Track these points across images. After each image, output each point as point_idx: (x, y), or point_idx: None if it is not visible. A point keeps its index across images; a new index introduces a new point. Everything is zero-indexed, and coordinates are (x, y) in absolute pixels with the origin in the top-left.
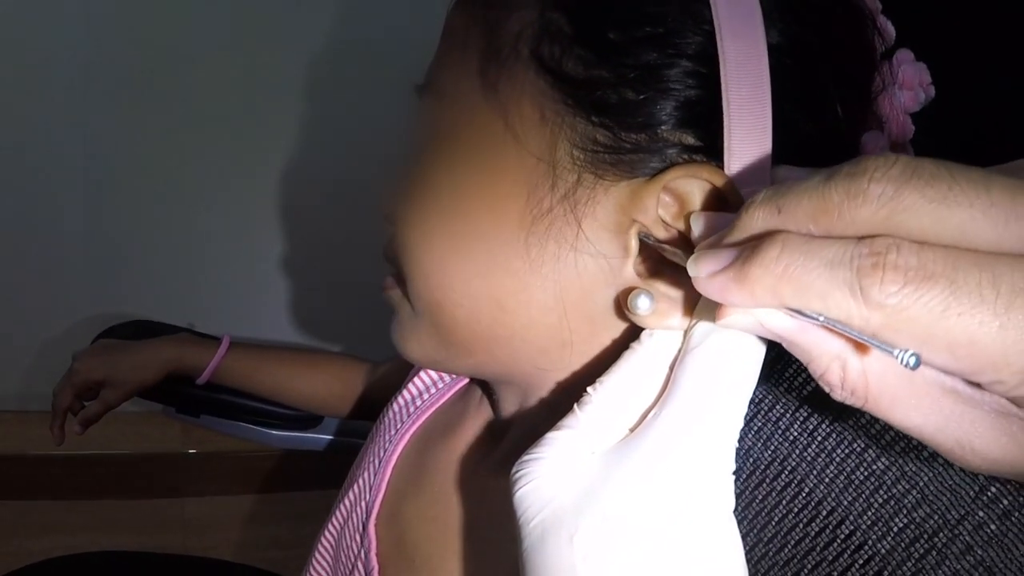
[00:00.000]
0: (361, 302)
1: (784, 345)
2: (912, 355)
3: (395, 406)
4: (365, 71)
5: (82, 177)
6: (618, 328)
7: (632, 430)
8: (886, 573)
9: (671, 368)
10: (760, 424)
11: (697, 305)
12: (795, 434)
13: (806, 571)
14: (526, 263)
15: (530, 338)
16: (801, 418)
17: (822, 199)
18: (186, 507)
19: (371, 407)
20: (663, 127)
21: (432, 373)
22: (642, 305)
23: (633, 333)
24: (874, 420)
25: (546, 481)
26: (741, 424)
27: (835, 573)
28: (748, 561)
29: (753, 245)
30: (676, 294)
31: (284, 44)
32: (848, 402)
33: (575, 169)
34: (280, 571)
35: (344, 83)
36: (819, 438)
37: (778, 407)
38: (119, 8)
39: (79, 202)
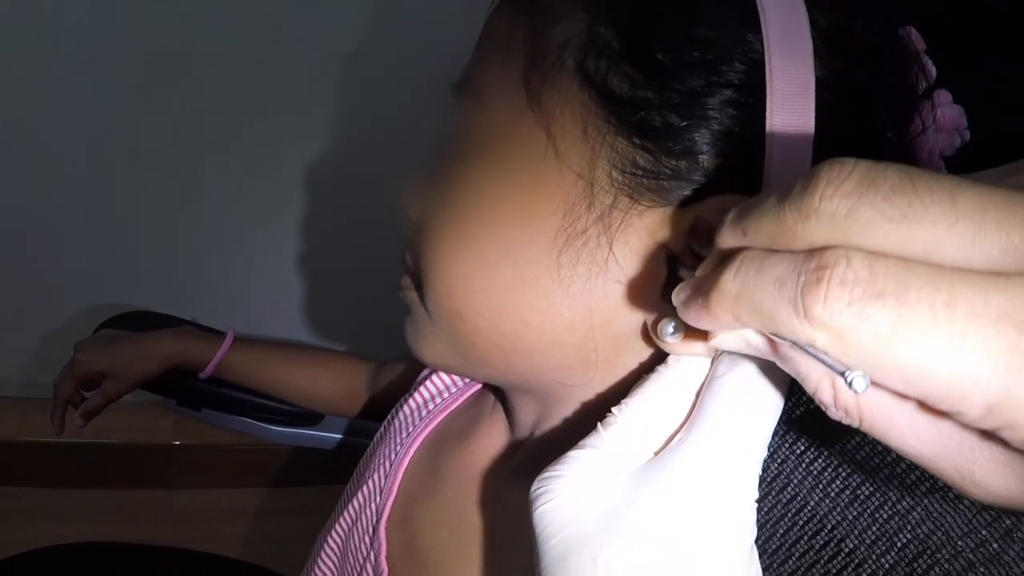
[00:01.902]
0: (367, 300)
1: (776, 363)
2: (858, 377)
3: (407, 408)
4: (374, 67)
5: (86, 166)
6: (643, 351)
7: (656, 454)
8: None
9: (697, 394)
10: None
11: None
12: (802, 448)
13: None
14: (555, 281)
15: (552, 354)
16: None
17: (777, 219)
18: (176, 499)
19: (377, 407)
20: (703, 155)
21: (445, 377)
22: (668, 332)
23: (658, 356)
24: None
25: (569, 499)
26: (765, 453)
27: None
28: None
29: (719, 269)
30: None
31: (291, 38)
32: (845, 422)
33: (612, 190)
34: (269, 565)
35: (352, 79)
36: (826, 452)
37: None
38: (121, 3)
39: (83, 191)
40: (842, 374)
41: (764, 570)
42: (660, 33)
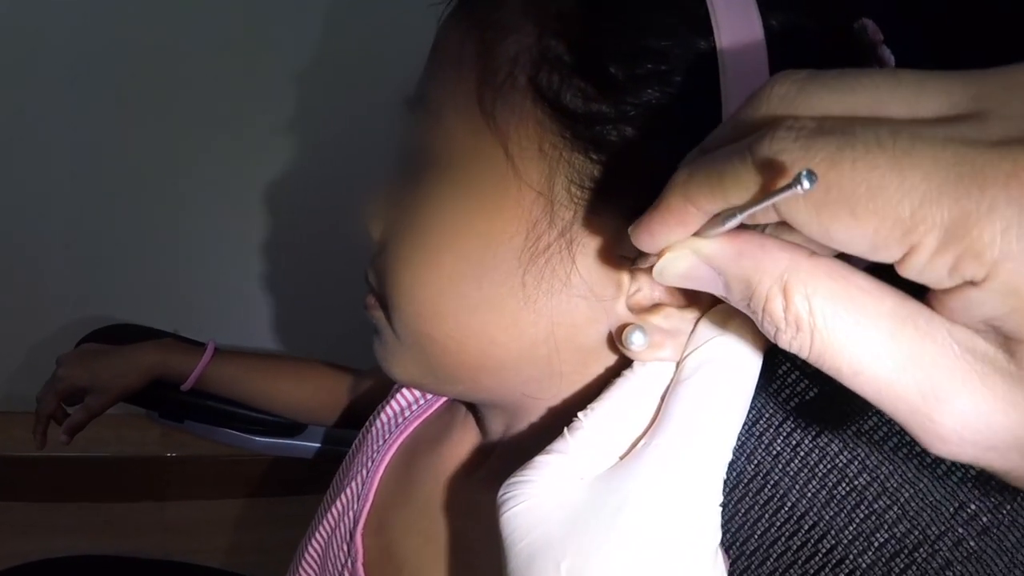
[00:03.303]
0: (347, 311)
1: (726, 287)
2: (805, 174)
3: (383, 417)
4: (356, 78)
5: (69, 180)
6: (610, 359)
7: (622, 458)
8: None
9: (662, 398)
10: (743, 438)
11: (690, 337)
12: (778, 448)
13: None
14: (521, 300)
15: (520, 369)
16: (785, 433)
17: (733, 124)
18: (166, 511)
19: (356, 416)
20: (660, 165)
21: None
22: (636, 341)
23: (625, 362)
24: (857, 437)
25: (534, 504)
26: (730, 457)
27: None
28: (731, 574)
29: None
30: (669, 326)
31: (275, 51)
32: (794, 347)
33: (572, 206)
34: (258, 575)
35: (333, 91)
36: (802, 453)
37: (762, 422)
38: (107, 11)
39: (65, 205)
40: (790, 187)
41: (742, 572)
42: (611, 45)
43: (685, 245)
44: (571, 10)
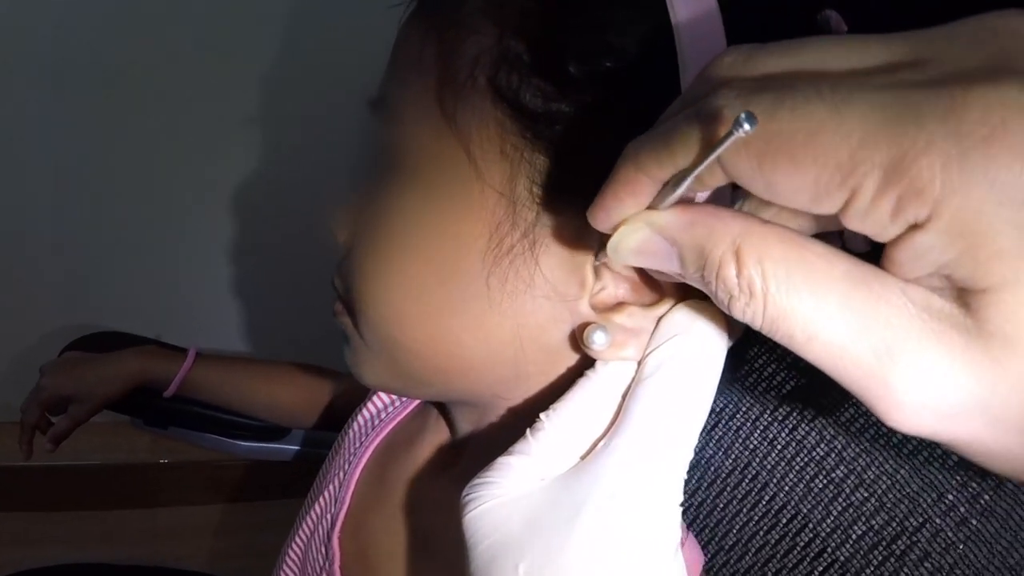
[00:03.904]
0: (328, 314)
1: (681, 260)
2: (743, 116)
3: (359, 419)
4: (329, 77)
5: (51, 192)
6: (576, 358)
7: (583, 458)
8: None
9: (624, 397)
10: (721, 433)
11: (652, 336)
12: (755, 442)
13: None
14: (486, 301)
15: (488, 370)
16: (762, 426)
17: (682, 98)
18: (158, 517)
19: (336, 417)
20: None
21: None
22: (598, 340)
23: (591, 361)
24: (836, 431)
25: (495, 506)
26: (691, 456)
27: None
28: (710, 570)
29: None
30: (632, 325)
31: (246, 54)
32: (748, 316)
33: (534, 206)
34: None
35: (305, 93)
36: (779, 446)
37: (739, 416)
38: (84, 14)
39: (45, 212)
40: (731, 134)
41: (721, 566)
42: (571, 44)
43: (638, 218)
44: (531, 9)
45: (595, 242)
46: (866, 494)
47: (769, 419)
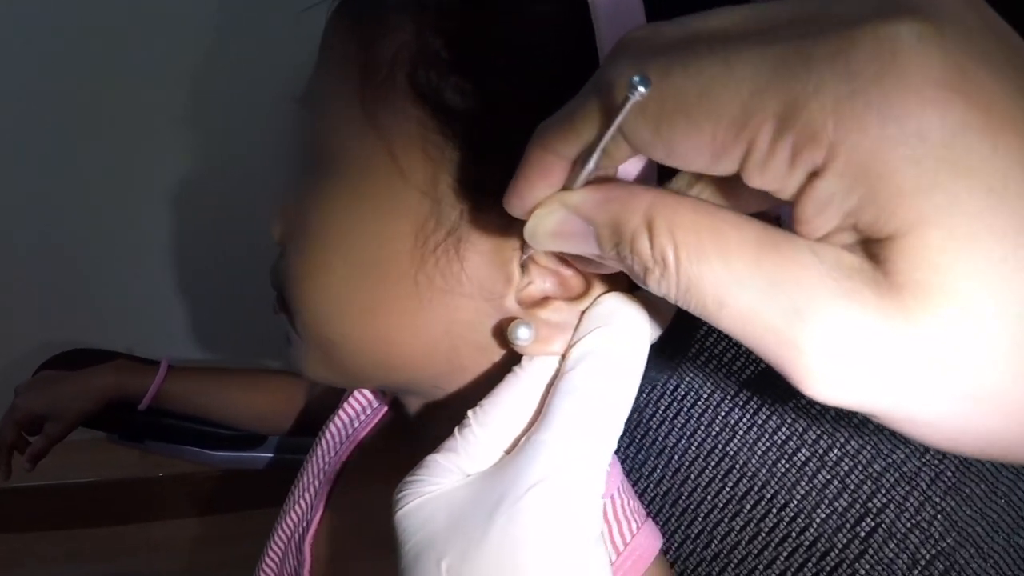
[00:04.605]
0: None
1: (598, 239)
2: (636, 80)
3: (334, 425)
4: (259, 75)
5: (27, 208)
6: (509, 353)
7: (508, 453)
8: (811, 562)
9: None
10: (684, 420)
11: (576, 330)
12: (717, 429)
13: (733, 565)
14: (415, 300)
15: (424, 366)
16: (723, 412)
17: (591, 80)
18: (152, 531)
19: (312, 421)
20: None
21: (367, 393)
22: (521, 335)
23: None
24: (795, 416)
25: (422, 503)
26: (614, 446)
27: (760, 566)
28: (676, 559)
29: None
30: (557, 319)
31: (180, 54)
32: (663, 289)
33: (457, 204)
34: None
35: (254, 96)
36: (740, 432)
37: (700, 403)
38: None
39: (21, 234)
40: (627, 99)
41: (688, 555)
42: (489, 40)
43: (552, 199)
44: (449, 6)
45: (519, 237)
46: (828, 476)
47: (730, 404)
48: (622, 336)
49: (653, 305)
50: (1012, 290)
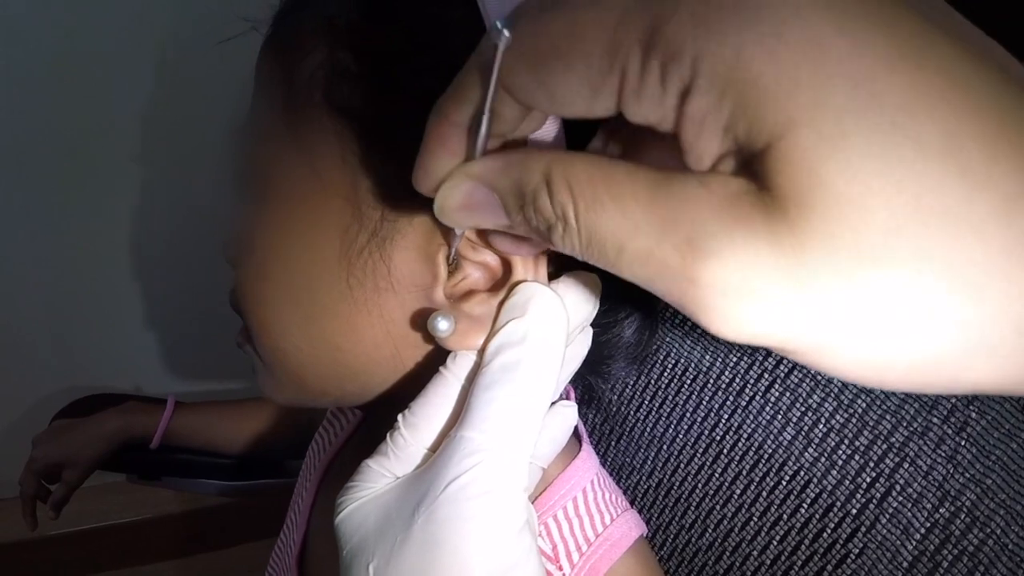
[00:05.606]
0: None
1: (505, 207)
2: (499, 24)
3: (314, 444)
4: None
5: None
6: (446, 350)
7: (434, 452)
8: (804, 544)
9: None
10: (668, 409)
11: (494, 321)
12: (702, 415)
13: (728, 552)
14: (351, 304)
15: (373, 371)
16: (706, 398)
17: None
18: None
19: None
20: None
21: (346, 408)
22: (440, 327)
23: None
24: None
25: (356, 508)
26: (534, 438)
27: (755, 552)
28: (673, 550)
29: None
30: (479, 312)
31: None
32: (568, 245)
33: (378, 207)
34: None
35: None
36: (725, 416)
37: (684, 390)
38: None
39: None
40: (496, 49)
41: (684, 545)
42: (392, 47)
43: (455, 172)
44: (354, 22)
45: (446, 231)
46: (815, 454)
47: (713, 388)
48: (537, 325)
49: (578, 287)
50: (893, 183)
